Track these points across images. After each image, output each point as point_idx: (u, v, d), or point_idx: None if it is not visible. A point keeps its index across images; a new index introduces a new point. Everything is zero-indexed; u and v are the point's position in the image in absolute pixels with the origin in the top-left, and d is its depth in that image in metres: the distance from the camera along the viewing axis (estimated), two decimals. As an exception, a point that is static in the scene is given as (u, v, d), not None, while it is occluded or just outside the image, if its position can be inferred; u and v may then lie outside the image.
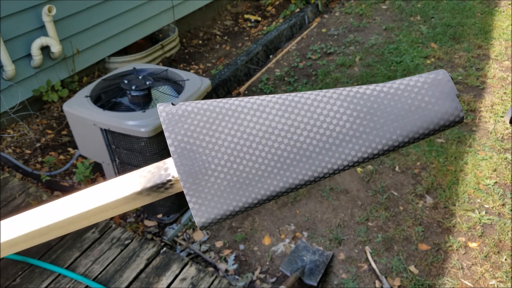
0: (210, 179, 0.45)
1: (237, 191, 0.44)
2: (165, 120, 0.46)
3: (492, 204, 2.66)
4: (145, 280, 2.13)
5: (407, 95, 0.43)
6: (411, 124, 0.43)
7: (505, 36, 4.50)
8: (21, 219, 0.49)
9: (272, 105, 0.45)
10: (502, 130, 3.24)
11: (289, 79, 4.04)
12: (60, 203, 0.49)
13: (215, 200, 0.44)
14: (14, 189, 2.65)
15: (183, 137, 0.45)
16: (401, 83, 0.44)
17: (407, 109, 0.43)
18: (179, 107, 0.46)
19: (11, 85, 3.21)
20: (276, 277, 2.33)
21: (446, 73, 0.44)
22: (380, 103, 0.43)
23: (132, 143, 2.34)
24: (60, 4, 3.29)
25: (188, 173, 0.45)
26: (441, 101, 0.43)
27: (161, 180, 0.47)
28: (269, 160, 0.44)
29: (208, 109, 0.46)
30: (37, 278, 2.14)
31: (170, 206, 2.60)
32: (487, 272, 2.28)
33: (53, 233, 0.50)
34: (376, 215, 2.62)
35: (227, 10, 5.46)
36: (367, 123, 0.43)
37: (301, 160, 0.44)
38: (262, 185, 0.44)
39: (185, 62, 4.40)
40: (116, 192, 0.48)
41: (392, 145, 0.43)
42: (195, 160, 0.45)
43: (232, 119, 0.45)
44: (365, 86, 0.45)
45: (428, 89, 0.43)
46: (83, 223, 0.50)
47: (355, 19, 5.09)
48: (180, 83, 2.56)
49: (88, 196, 0.48)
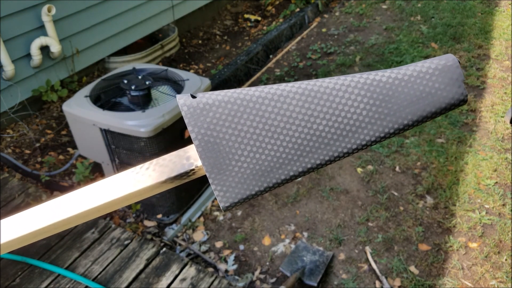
0: (234, 169, 0.47)
1: (259, 178, 0.47)
2: (186, 114, 0.47)
3: (492, 204, 2.65)
4: (144, 280, 2.13)
5: (419, 82, 0.45)
6: (421, 109, 0.45)
7: (505, 36, 4.50)
8: (47, 208, 0.50)
9: (292, 95, 0.46)
10: (503, 130, 3.24)
11: (289, 79, 4.03)
12: (84, 192, 0.50)
13: (238, 187, 0.47)
14: (13, 189, 2.64)
15: (206, 131, 0.47)
16: (414, 69, 0.46)
17: (418, 95, 0.45)
18: (200, 100, 0.47)
19: (10, 85, 3.20)
20: (276, 278, 2.32)
21: (455, 59, 0.46)
22: (394, 90, 0.46)
23: (131, 143, 2.33)
24: (60, 3, 3.28)
25: (213, 165, 0.47)
26: (449, 87, 0.45)
27: (184, 170, 0.49)
28: (290, 148, 0.46)
29: (229, 101, 0.47)
30: (36, 278, 2.13)
31: (170, 206, 2.59)
32: (487, 273, 2.28)
33: (79, 220, 0.51)
34: (377, 215, 2.62)
35: (227, 10, 5.45)
36: (382, 110, 0.46)
37: (320, 147, 0.46)
38: (283, 171, 0.47)
39: (185, 62, 4.40)
40: (141, 182, 0.49)
41: (399, 128, 0.46)
42: (219, 152, 0.47)
43: (253, 110, 0.46)
44: (380, 72, 0.47)
45: (439, 75, 0.45)
46: (106, 210, 0.51)
47: (355, 19, 5.08)
48: (180, 83, 2.55)
49: (114, 184, 0.50)
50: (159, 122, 2.25)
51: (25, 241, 0.50)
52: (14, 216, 0.50)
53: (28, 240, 0.50)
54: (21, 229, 0.49)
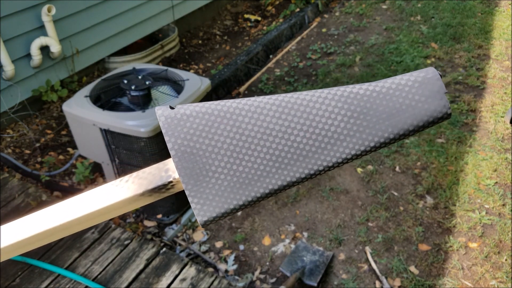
0: (211, 180, 0.46)
1: (237, 190, 0.46)
2: (164, 124, 0.47)
3: (492, 204, 2.65)
4: (144, 280, 2.13)
5: (398, 94, 0.45)
6: (402, 122, 0.44)
7: (505, 36, 4.50)
8: (26, 222, 0.50)
9: (269, 107, 0.46)
10: (503, 130, 3.24)
11: (289, 79, 4.03)
12: (66, 205, 0.50)
13: (216, 200, 0.46)
14: (13, 189, 2.64)
15: (183, 141, 0.46)
16: (392, 82, 0.45)
17: (398, 108, 0.44)
18: (178, 111, 0.47)
19: (10, 85, 3.20)
20: (276, 278, 2.32)
21: (436, 71, 0.45)
22: (372, 103, 0.45)
23: (131, 143, 2.33)
24: (60, 4, 3.28)
25: (189, 176, 0.46)
26: (430, 99, 0.44)
27: (162, 182, 0.48)
28: (268, 160, 0.46)
29: (206, 112, 0.47)
30: (36, 278, 2.13)
31: (169, 206, 2.59)
32: (487, 273, 2.28)
33: (59, 234, 0.51)
34: (376, 215, 2.62)
35: (227, 10, 5.45)
36: (361, 122, 0.45)
37: (298, 159, 0.46)
38: (261, 184, 0.46)
39: (185, 62, 4.40)
40: (118, 194, 0.49)
41: (383, 142, 0.45)
42: (195, 162, 0.46)
43: (230, 121, 0.46)
44: (358, 85, 0.46)
45: (419, 88, 0.44)
46: (87, 224, 0.51)
47: (355, 19, 5.08)
48: (180, 83, 2.55)
49: (92, 198, 0.50)
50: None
51: (6, 254, 0.50)
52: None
53: (9, 254, 0.50)
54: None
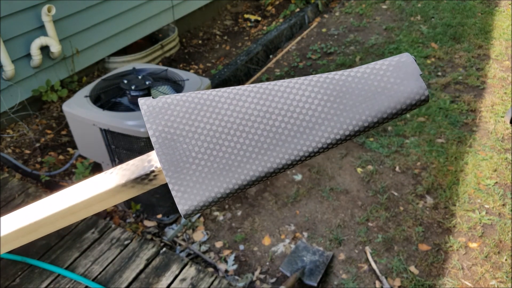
0: (191, 167, 0.46)
1: (217, 177, 0.46)
2: (146, 112, 0.47)
3: (492, 204, 2.65)
4: (144, 280, 2.13)
5: (373, 78, 0.45)
6: (378, 104, 0.45)
7: (505, 36, 4.50)
8: (8, 218, 0.50)
9: (248, 94, 0.47)
10: (503, 130, 3.24)
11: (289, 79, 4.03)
12: (47, 200, 0.50)
13: (197, 187, 0.46)
14: (13, 189, 2.64)
15: (163, 128, 0.47)
16: (367, 67, 0.46)
17: (373, 90, 0.45)
18: (159, 100, 0.48)
19: (10, 85, 3.20)
20: (276, 278, 2.32)
21: (410, 56, 0.46)
22: (348, 87, 0.46)
23: (131, 143, 2.33)
24: (60, 3, 3.29)
25: (170, 162, 0.46)
26: (406, 81, 0.45)
27: (144, 171, 0.48)
28: (247, 145, 0.46)
29: (187, 100, 0.48)
30: (36, 278, 2.13)
31: (169, 206, 2.59)
32: (487, 273, 2.28)
33: (42, 230, 0.50)
34: (376, 216, 2.62)
35: (227, 10, 5.45)
36: (337, 106, 0.45)
37: (278, 144, 0.46)
38: (242, 170, 0.46)
39: (185, 62, 4.40)
40: (101, 185, 0.49)
41: (362, 125, 0.45)
42: (176, 149, 0.47)
43: (210, 108, 0.47)
44: (334, 72, 0.48)
45: (393, 71, 0.45)
46: (71, 218, 0.50)
47: (355, 19, 5.08)
48: (180, 83, 2.55)
49: (74, 191, 0.49)
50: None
51: None
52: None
53: None
54: None
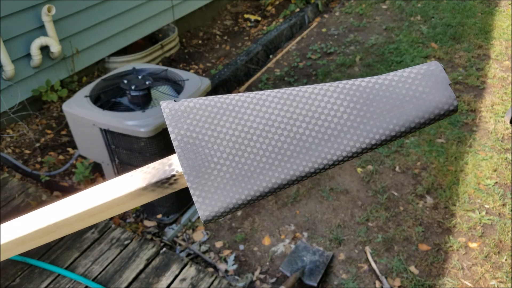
0: (213, 172, 0.45)
1: (239, 183, 0.45)
2: (168, 116, 0.47)
3: (492, 204, 2.65)
4: (144, 280, 2.12)
5: (401, 86, 0.44)
6: (406, 113, 0.43)
7: (505, 36, 4.50)
8: (27, 218, 0.49)
9: (272, 99, 0.46)
10: (503, 130, 3.24)
11: (289, 79, 4.03)
12: (67, 201, 0.49)
13: (218, 193, 0.45)
14: (13, 189, 2.64)
15: (186, 132, 0.46)
16: (395, 74, 0.45)
17: (401, 99, 0.44)
18: (182, 103, 0.47)
19: (10, 85, 3.20)
20: (276, 278, 2.32)
21: (438, 64, 0.45)
22: (375, 94, 0.44)
23: (131, 143, 2.33)
24: (60, 3, 3.28)
25: (191, 167, 0.46)
26: (434, 90, 0.43)
27: (165, 175, 0.48)
28: (270, 152, 0.45)
29: (209, 104, 0.47)
30: (36, 278, 2.13)
31: (169, 206, 2.59)
32: (487, 273, 2.28)
33: (60, 231, 0.50)
34: (376, 215, 2.62)
35: (227, 10, 5.45)
36: (364, 114, 0.44)
37: (301, 151, 0.45)
38: (264, 177, 0.45)
39: (185, 62, 4.40)
40: (122, 188, 0.48)
41: (389, 134, 0.44)
42: (197, 153, 0.46)
43: (233, 113, 0.46)
44: (360, 79, 0.46)
45: (422, 79, 0.44)
46: (90, 221, 0.50)
47: (355, 19, 5.08)
48: (180, 83, 2.55)
49: (94, 193, 0.49)
50: (159, 122, 2.25)
51: (5, 252, 0.50)
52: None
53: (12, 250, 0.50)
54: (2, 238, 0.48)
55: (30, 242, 0.50)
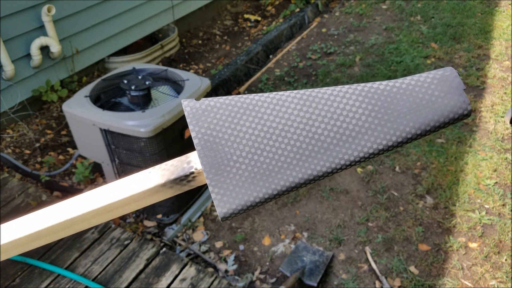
0: (232, 170, 0.46)
1: (257, 182, 0.46)
2: (189, 114, 0.48)
3: (492, 204, 2.65)
4: (144, 280, 2.13)
5: (418, 90, 0.46)
6: (422, 117, 0.45)
7: (505, 36, 4.50)
8: (43, 213, 0.50)
9: (291, 100, 0.48)
10: (503, 130, 3.24)
11: (289, 79, 4.03)
12: (85, 196, 0.50)
13: (236, 191, 0.46)
14: (13, 189, 2.64)
15: (206, 130, 0.47)
16: (411, 79, 0.47)
17: (418, 102, 0.46)
18: (203, 102, 0.49)
19: (10, 85, 3.20)
20: (276, 278, 2.32)
21: (453, 70, 0.47)
22: (393, 98, 0.46)
23: (131, 143, 2.33)
24: (60, 3, 3.28)
25: (211, 164, 0.47)
26: (450, 95, 0.45)
27: (184, 173, 0.48)
28: (289, 151, 0.46)
29: (230, 103, 0.48)
30: (36, 278, 2.13)
31: (169, 206, 2.59)
32: (487, 273, 2.28)
33: (76, 226, 0.50)
34: (376, 216, 2.62)
35: (227, 10, 5.45)
36: (382, 116, 0.46)
37: (319, 151, 0.46)
38: (282, 176, 0.46)
39: (185, 62, 4.40)
40: (140, 184, 0.49)
41: (406, 136, 0.46)
42: (217, 151, 0.47)
43: (253, 112, 0.48)
44: (378, 82, 0.48)
45: (438, 84, 0.46)
46: (106, 216, 0.50)
47: (355, 19, 5.08)
48: (180, 83, 2.55)
49: (113, 188, 0.49)
50: (159, 122, 2.25)
51: (22, 246, 0.50)
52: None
53: (26, 245, 0.50)
54: (17, 233, 0.48)
55: (44, 237, 0.50)
